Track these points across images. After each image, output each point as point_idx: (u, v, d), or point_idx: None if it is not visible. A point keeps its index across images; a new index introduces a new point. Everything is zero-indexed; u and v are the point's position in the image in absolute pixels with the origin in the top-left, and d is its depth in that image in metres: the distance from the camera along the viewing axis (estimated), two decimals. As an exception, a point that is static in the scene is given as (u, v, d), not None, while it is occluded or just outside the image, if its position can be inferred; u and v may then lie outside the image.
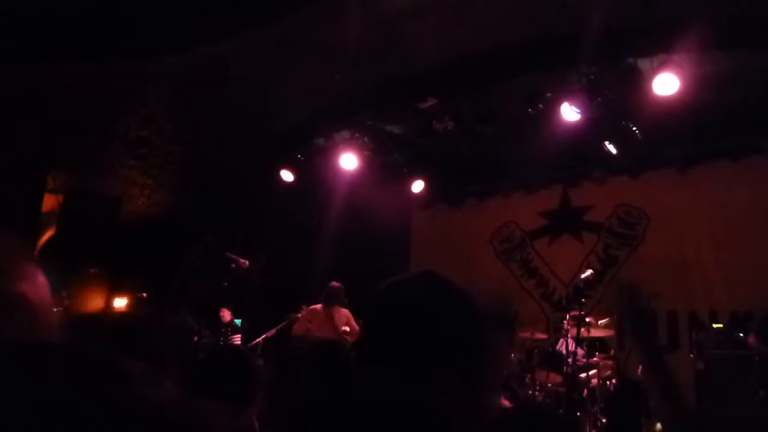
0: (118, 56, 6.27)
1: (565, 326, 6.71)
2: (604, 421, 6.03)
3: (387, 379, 1.11)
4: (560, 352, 6.75)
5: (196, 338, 7.39)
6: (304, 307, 8.78)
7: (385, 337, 1.17)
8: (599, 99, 6.26)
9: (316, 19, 5.83)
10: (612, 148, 7.28)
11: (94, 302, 9.49)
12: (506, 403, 3.35)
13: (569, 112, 6.39)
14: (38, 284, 0.94)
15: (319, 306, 7.43)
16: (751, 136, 7.32)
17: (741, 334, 6.12)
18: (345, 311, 7.39)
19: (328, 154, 8.13)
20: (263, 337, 7.57)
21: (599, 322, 6.80)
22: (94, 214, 8.21)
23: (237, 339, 8.08)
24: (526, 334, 7.43)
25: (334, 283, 7.48)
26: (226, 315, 8.20)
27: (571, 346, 6.34)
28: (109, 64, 6.38)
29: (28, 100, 6.78)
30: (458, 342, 1.16)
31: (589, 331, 6.49)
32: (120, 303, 9.62)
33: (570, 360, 6.17)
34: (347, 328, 7.23)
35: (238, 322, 9.17)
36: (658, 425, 5.05)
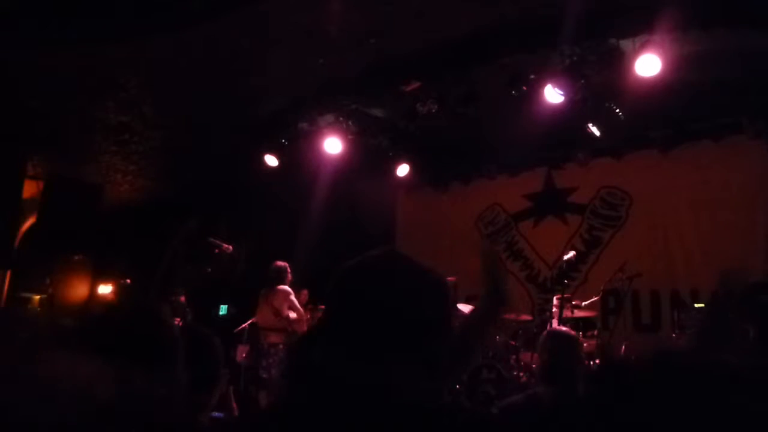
0: (98, 40, 6.18)
1: (554, 308, 6.78)
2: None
3: (347, 359, 1.10)
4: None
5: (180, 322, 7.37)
6: (304, 291, 8.76)
7: (347, 318, 1.16)
8: (582, 81, 6.27)
9: (298, 1, 5.77)
10: (595, 130, 7.30)
11: (79, 289, 9.45)
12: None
13: (552, 94, 6.39)
14: None
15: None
16: (732, 116, 7.38)
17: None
18: (282, 289, 7.08)
19: (312, 138, 8.09)
20: (249, 322, 7.56)
21: (583, 303, 6.89)
22: (76, 201, 8.14)
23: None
24: (511, 316, 7.49)
25: (277, 263, 7.25)
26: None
27: (555, 326, 6.40)
28: (88, 47, 6.28)
29: (7, 85, 6.68)
30: (421, 322, 1.15)
31: (573, 312, 6.56)
32: (104, 290, 9.59)
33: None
34: (294, 314, 6.99)
35: (224, 308, 9.15)
36: None
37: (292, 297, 7.10)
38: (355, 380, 1.07)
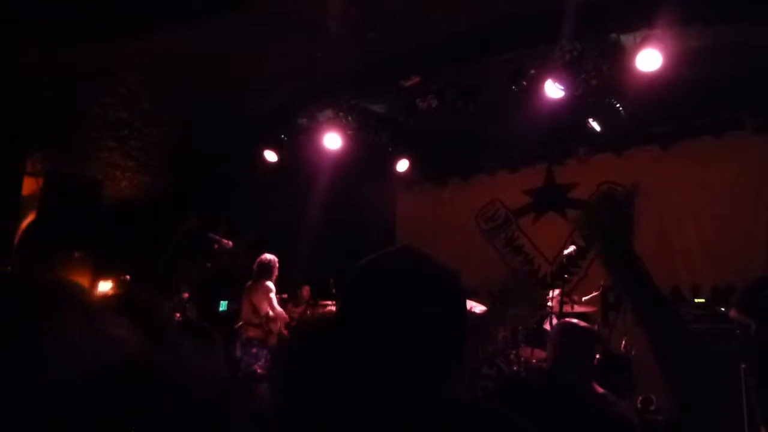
0: (98, 38, 6.15)
1: (549, 303, 6.78)
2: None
3: (359, 356, 1.10)
4: (544, 329, 6.80)
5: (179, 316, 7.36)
6: (305, 287, 8.73)
7: (360, 315, 1.17)
8: (582, 76, 6.24)
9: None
10: (596, 126, 7.28)
11: (78, 286, 9.42)
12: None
13: (553, 89, 6.37)
14: None
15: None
16: (733, 112, 7.36)
17: (722, 309, 6.20)
18: (264, 285, 7.03)
19: (311, 133, 8.08)
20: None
21: (583, 298, 6.88)
22: (75, 197, 8.13)
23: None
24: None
25: (263, 257, 7.21)
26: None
27: (555, 322, 6.39)
28: (88, 45, 6.26)
29: (5, 82, 6.66)
30: (435, 318, 1.16)
31: (572, 307, 6.55)
32: (105, 286, 9.57)
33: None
34: (271, 313, 6.93)
35: (224, 304, 9.14)
36: None
37: (272, 294, 7.04)
38: (368, 376, 1.08)
